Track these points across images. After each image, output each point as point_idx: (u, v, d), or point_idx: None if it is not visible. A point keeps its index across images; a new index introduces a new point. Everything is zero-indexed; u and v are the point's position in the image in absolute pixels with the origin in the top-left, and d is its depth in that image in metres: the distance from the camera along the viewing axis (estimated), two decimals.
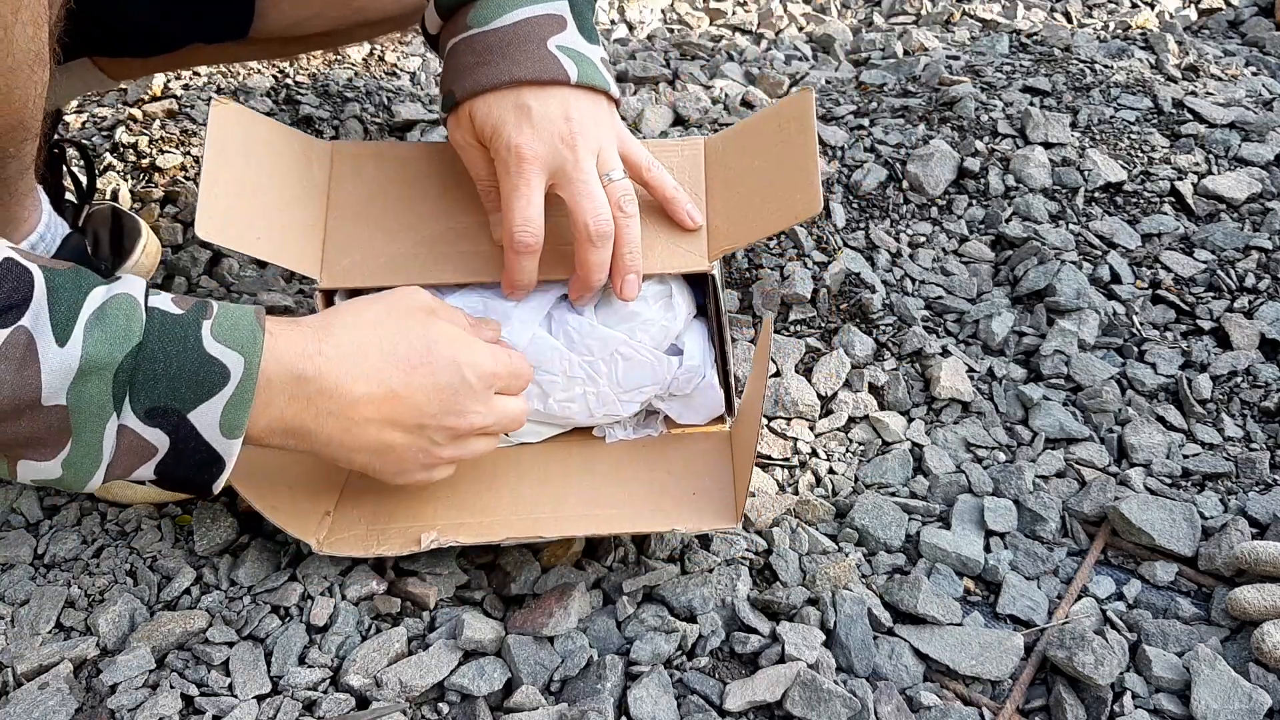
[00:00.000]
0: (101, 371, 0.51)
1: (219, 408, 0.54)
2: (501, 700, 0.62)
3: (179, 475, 0.56)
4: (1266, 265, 0.97)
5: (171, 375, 0.53)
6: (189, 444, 0.54)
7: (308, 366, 0.57)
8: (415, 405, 0.61)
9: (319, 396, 0.58)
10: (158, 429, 0.53)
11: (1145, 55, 1.34)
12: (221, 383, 0.54)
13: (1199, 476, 0.78)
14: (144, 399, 0.52)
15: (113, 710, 0.61)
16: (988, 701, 0.63)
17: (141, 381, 0.52)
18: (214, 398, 0.54)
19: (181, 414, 0.53)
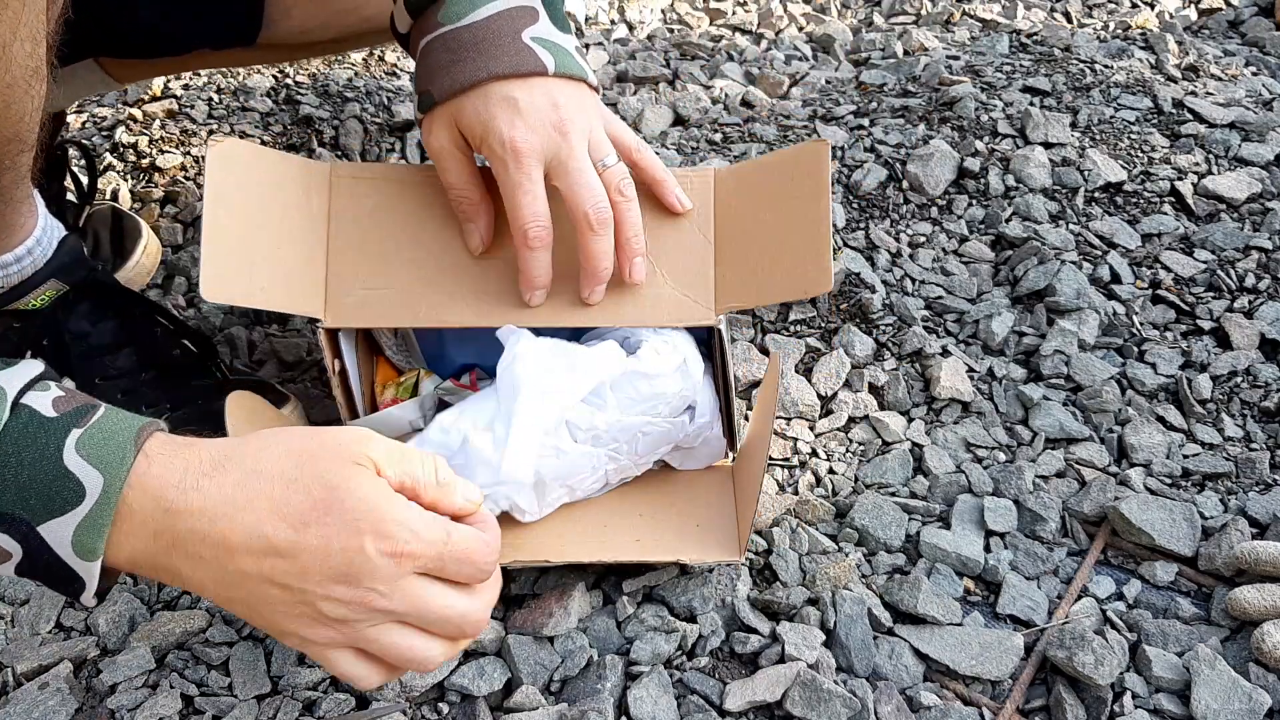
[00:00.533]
0: None
1: (70, 527, 0.48)
2: (501, 700, 0.62)
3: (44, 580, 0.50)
4: (1266, 265, 0.97)
5: (21, 483, 0.47)
6: (42, 557, 0.48)
7: (179, 502, 0.49)
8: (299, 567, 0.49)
9: (189, 538, 0.49)
10: (7, 535, 0.48)
11: (1145, 55, 1.34)
12: (75, 501, 0.48)
13: (1199, 476, 0.78)
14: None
15: (113, 710, 0.61)
16: (988, 701, 0.63)
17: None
18: (65, 515, 0.48)
19: (30, 525, 0.48)
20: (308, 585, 0.49)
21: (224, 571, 0.49)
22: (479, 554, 0.51)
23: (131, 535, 0.49)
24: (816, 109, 1.27)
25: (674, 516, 0.71)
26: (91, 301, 0.81)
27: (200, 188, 1.15)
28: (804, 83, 1.39)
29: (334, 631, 0.51)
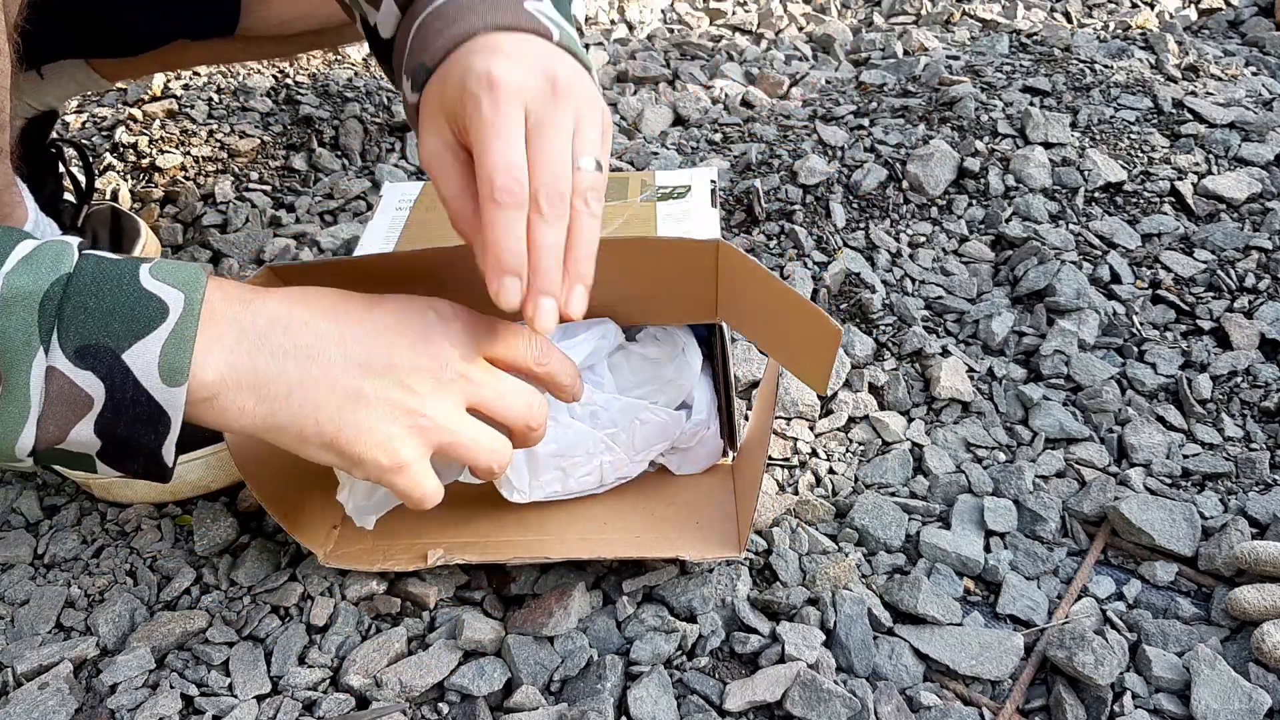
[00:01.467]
0: (25, 300, 0.46)
1: (156, 347, 0.47)
2: (501, 700, 0.62)
3: (121, 434, 0.49)
4: (1266, 265, 0.97)
5: (104, 309, 0.47)
6: (126, 393, 0.47)
7: (255, 297, 0.50)
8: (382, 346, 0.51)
9: (271, 329, 0.50)
10: (90, 372, 0.47)
11: (1145, 55, 1.34)
12: (159, 318, 0.48)
13: (1199, 476, 0.78)
14: (73, 335, 0.47)
15: (113, 710, 0.61)
16: (988, 701, 0.63)
17: (70, 314, 0.47)
18: (150, 335, 0.47)
19: (115, 353, 0.47)
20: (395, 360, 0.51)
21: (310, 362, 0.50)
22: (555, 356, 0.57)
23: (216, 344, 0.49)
24: (816, 109, 1.27)
25: (674, 514, 0.71)
26: None
27: (200, 188, 1.15)
28: (804, 83, 1.39)
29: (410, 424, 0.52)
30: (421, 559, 0.67)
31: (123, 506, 0.77)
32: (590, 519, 0.71)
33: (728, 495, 0.73)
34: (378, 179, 1.18)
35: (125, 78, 1.09)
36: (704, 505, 0.72)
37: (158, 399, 0.48)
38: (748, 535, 0.65)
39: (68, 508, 0.78)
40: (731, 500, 0.72)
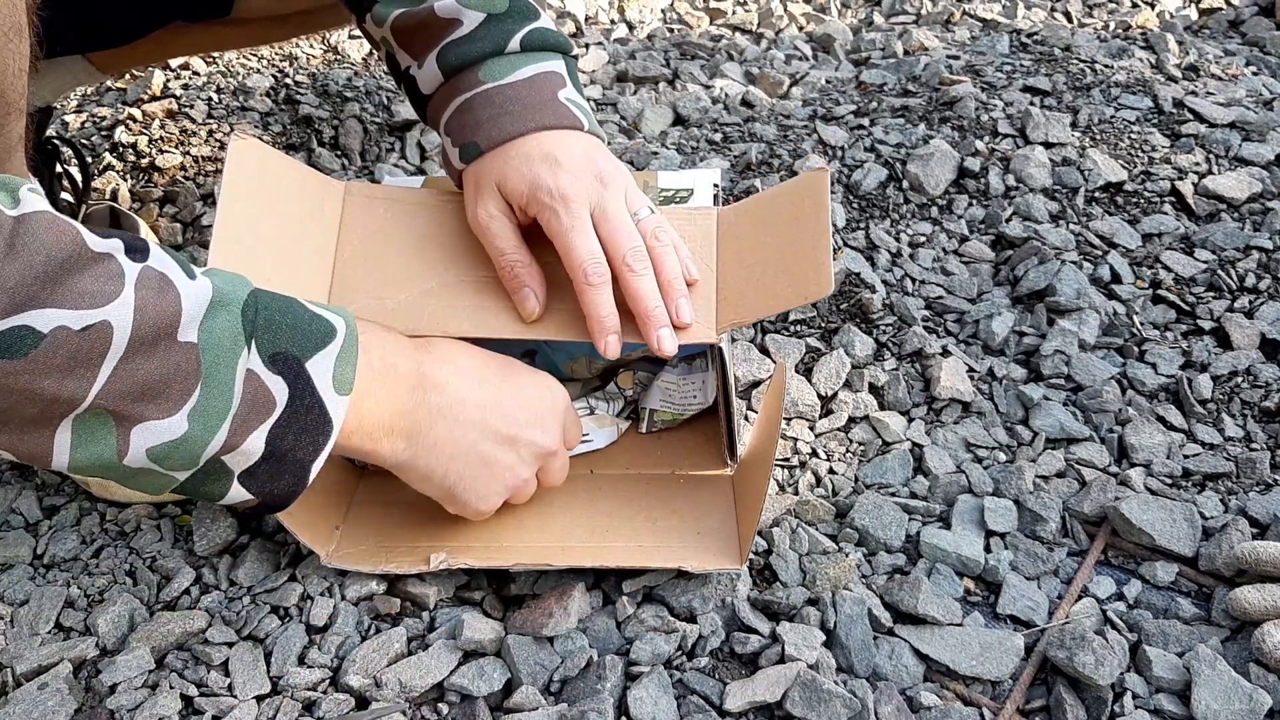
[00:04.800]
0: (230, 305, 0.51)
1: (331, 360, 0.55)
2: (501, 700, 0.62)
3: (288, 443, 0.54)
4: (1267, 265, 0.97)
5: (289, 324, 0.54)
6: (304, 399, 0.54)
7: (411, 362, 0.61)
8: (509, 412, 0.64)
9: (426, 387, 0.61)
10: (279, 377, 0.53)
11: (1145, 55, 1.34)
12: (330, 336, 0.55)
13: (1199, 476, 0.78)
14: (267, 341, 0.53)
15: (112, 710, 0.61)
16: (988, 702, 0.63)
17: (264, 325, 0.53)
18: (327, 348, 0.55)
19: (300, 362, 0.54)
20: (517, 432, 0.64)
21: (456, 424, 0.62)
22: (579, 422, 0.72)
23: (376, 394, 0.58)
24: (816, 109, 1.26)
25: (676, 523, 0.71)
26: None
27: (200, 187, 1.15)
28: (804, 82, 1.39)
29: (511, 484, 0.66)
30: (424, 562, 0.68)
31: (122, 506, 0.77)
32: (592, 527, 0.71)
33: (729, 504, 0.73)
34: (377, 178, 1.18)
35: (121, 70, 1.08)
36: (705, 514, 0.72)
37: (328, 407, 0.55)
38: (749, 547, 0.65)
39: (67, 508, 0.78)
40: (732, 509, 0.72)
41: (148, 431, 0.50)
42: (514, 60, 0.72)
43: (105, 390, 0.47)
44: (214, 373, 0.50)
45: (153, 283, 0.49)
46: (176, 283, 0.50)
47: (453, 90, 0.73)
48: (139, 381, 0.48)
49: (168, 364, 0.49)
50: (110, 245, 0.48)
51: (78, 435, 0.49)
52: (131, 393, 0.48)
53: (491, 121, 0.70)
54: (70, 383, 0.46)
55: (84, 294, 0.46)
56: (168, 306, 0.49)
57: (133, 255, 0.49)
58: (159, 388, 0.49)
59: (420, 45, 0.75)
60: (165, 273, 0.50)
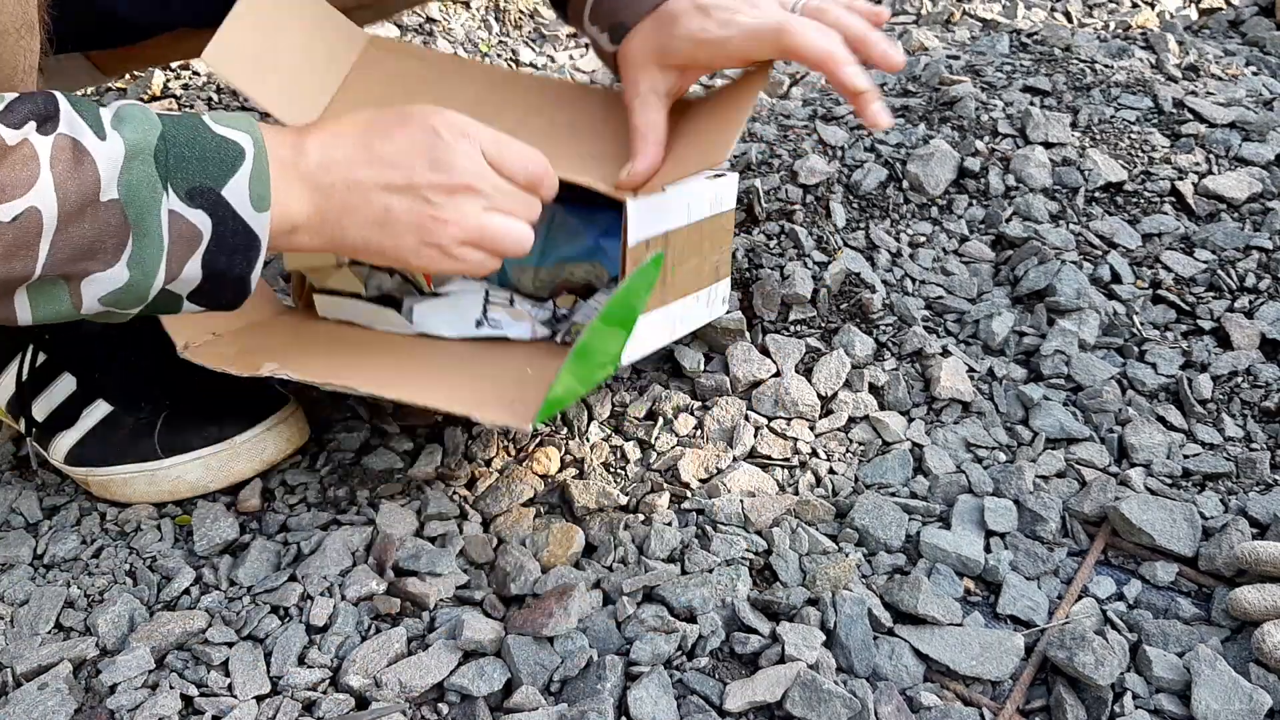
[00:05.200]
0: (143, 154, 0.54)
1: (245, 181, 0.57)
2: (501, 700, 0.62)
3: (222, 265, 0.58)
4: (1267, 265, 0.97)
5: (198, 155, 0.56)
6: (228, 224, 0.57)
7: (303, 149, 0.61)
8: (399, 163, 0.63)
9: (320, 173, 0.62)
10: (200, 210, 0.56)
11: (1145, 55, 1.34)
12: (240, 157, 0.57)
13: (1199, 476, 0.78)
14: (181, 180, 0.56)
15: (112, 710, 0.61)
16: (988, 702, 0.63)
17: (175, 164, 0.56)
18: (238, 172, 0.57)
19: (216, 191, 0.57)
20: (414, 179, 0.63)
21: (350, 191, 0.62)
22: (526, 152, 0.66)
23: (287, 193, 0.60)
24: (816, 109, 1.26)
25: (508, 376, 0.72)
26: None
27: None
28: (804, 82, 1.39)
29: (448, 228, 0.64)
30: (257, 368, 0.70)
31: (122, 506, 0.77)
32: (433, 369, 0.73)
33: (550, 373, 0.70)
34: None
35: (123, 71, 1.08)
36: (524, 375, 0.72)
37: (251, 225, 0.58)
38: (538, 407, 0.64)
39: (68, 508, 0.78)
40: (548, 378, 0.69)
41: (95, 284, 0.55)
42: None
43: (49, 262, 0.53)
44: (141, 221, 0.54)
45: (66, 153, 0.52)
46: (89, 148, 0.53)
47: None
48: (76, 245, 0.53)
49: (97, 224, 0.53)
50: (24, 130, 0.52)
51: (34, 298, 0.54)
52: (72, 256, 0.53)
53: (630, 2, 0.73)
54: (15, 264, 0.52)
55: (5, 186, 0.50)
56: (86, 175, 0.52)
57: (44, 127, 0.52)
58: (95, 246, 0.54)
59: None
60: (77, 138, 0.53)
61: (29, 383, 0.79)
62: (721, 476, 0.78)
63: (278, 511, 0.76)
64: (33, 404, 0.79)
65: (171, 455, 0.75)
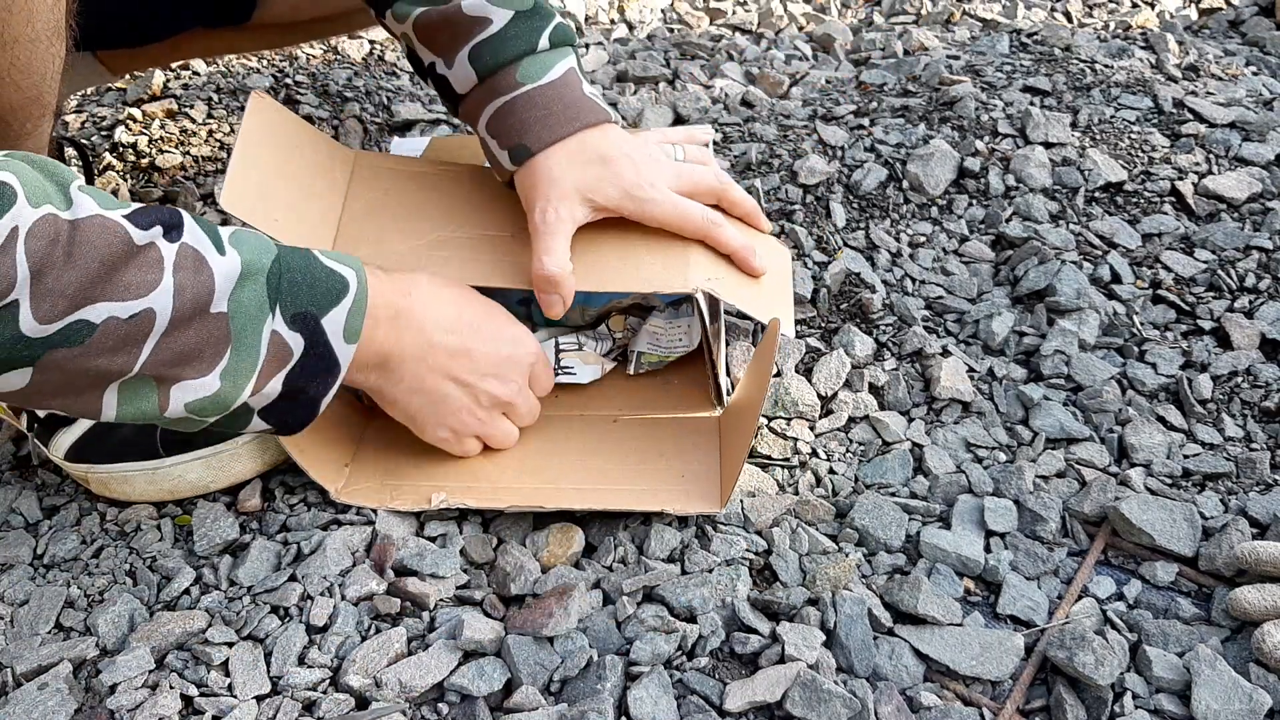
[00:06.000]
0: (256, 276, 0.58)
1: (344, 314, 0.62)
2: (501, 700, 0.62)
3: (301, 384, 0.62)
4: (1267, 265, 0.97)
5: (308, 283, 0.60)
6: (317, 349, 0.61)
7: (402, 302, 0.66)
8: (474, 361, 0.71)
9: (409, 330, 0.67)
10: (298, 333, 0.60)
11: (1145, 55, 1.34)
12: (344, 291, 0.62)
13: (1199, 476, 0.78)
14: (290, 304, 0.59)
15: (112, 710, 0.61)
16: (988, 702, 0.63)
17: (286, 288, 0.59)
18: (340, 304, 0.61)
19: (317, 319, 0.60)
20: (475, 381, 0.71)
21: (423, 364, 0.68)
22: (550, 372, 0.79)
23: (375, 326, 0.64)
24: (816, 109, 1.26)
25: (662, 465, 0.76)
26: None
27: (200, 187, 1.15)
28: (804, 82, 1.39)
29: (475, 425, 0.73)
30: (426, 500, 0.73)
31: (122, 506, 0.77)
32: (586, 470, 0.76)
33: (714, 449, 0.77)
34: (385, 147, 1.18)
35: (131, 71, 1.09)
36: (691, 458, 0.76)
37: (337, 353, 0.62)
38: (730, 492, 0.69)
39: (68, 508, 0.78)
40: (717, 453, 0.76)
41: (185, 389, 0.57)
42: (545, 59, 0.76)
43: (148, 361, 0.55)
44: (242, 337, 0.57)
45: (189, 262, 0.55)
46: (209, 260, 0.56)
47: (490, 92, 0.77)
48: (177, 351, 0.55)
49: (202, 334, 0.56)
50: (151, 233, 0.54)
51: (123, 395, 0.56)
52: (171, 360, 0.56)
53: (539, 124, 0.75)
54: (119, 359, 0.54)
55: (130, 286, 0.53)
56: (202, 285, 0.55)
57: (170, 235, 0.55)
58: (194, 354, 0.56)
59: (446, 43, 0.77)
60: (199, 250, 0.56)
61: None
62: None
63: (278, 511, 0.76)
64: None
65: (172, 454, 0.75)
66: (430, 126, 1.27)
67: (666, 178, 0.78)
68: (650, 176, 0.77)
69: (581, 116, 0.76)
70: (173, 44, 0.96)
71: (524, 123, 0.76)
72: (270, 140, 0.76)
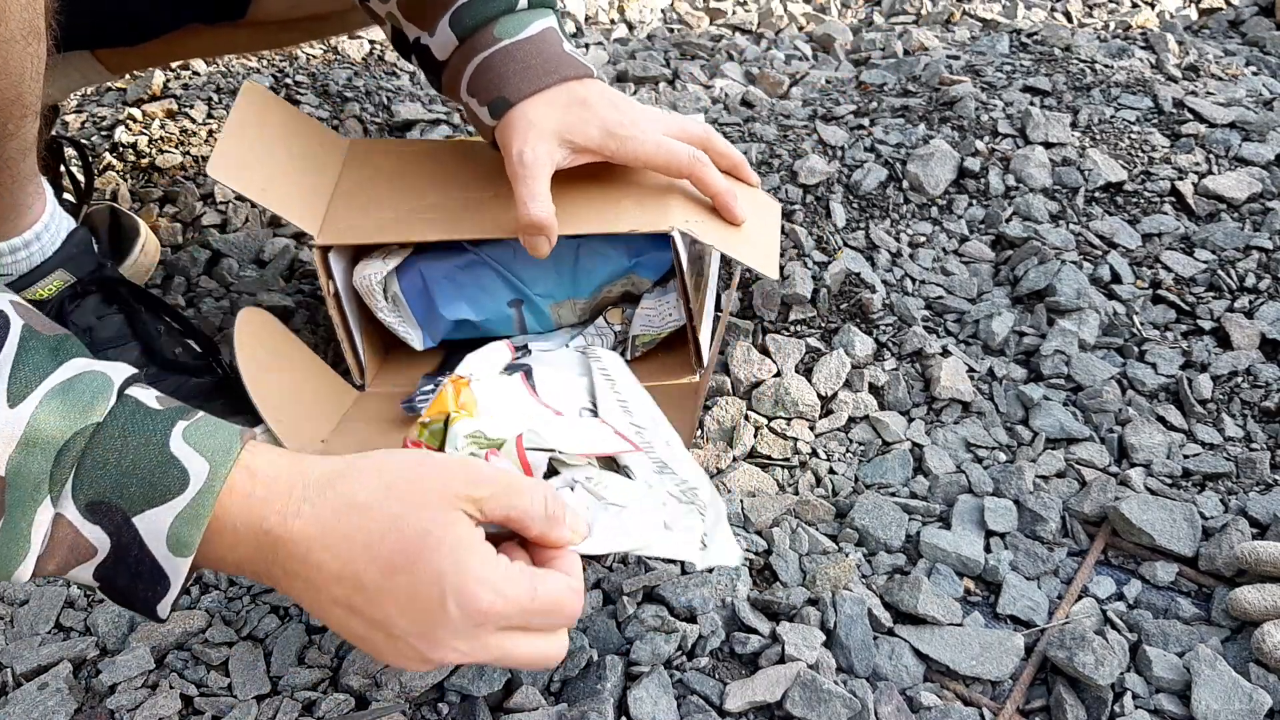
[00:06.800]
0: (45, 446, 0.45)
1: (169, 518, 0.47)
2: (501, 701, 0.62)
3: (120, 585, 0.48)
4: (1267, 265, 0.97)
5: (124, 469, 0.46)
6: (132, 551, 0.47)
7: (278, 526, 0.48)
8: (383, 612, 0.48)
9: (287, 559, 0.49)
10: (98, 527, 0.46)
11: (1145, 55, 1.34)
12: (178, 489, 0.47)
13: (1199, 476, 0.78)
14: (87, 489, 0.46)
15: (112, 710, 0.61)
16: (988, 702, 0.63)
17: (89, 468, 0.46)
18: (165, 504, 0.47)
19: (126, 515, 0.47)
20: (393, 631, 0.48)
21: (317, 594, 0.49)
22: (566, 604, 0.50)
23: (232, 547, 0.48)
24: (816, 109, 1.26)
25: None
26: (98, 295, 0.81)
27: (200, 187, 1.15)
28: (804, 82, 1.39)
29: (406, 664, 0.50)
30: None
31: None
32: None
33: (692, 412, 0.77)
34: None
35: (129, 70, 1.09)
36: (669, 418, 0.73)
37: (162, 565, 0.47)
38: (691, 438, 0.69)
39: None
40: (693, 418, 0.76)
41: None
42: (524, 17, 0.76)
43: None
44: (11, 512, 0.45)
45: None
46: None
47: (469, 51, 0.76)
48: None
49: None
50: None
51: None
52: None
53: (518, 76, 0.74)
54: None
55: None
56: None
57: None
58: None
59: (430, 14, 0.77)
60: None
61: None
62: (722, 476, 0.78)
63: None
64: None
65: None
66: (430, 126, 1.27)
67: (650, 118, 0.77)
68: (633, 116, 0.76)
69: (561, 70, 0.75)
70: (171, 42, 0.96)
71: (502, 76, 0.75)
72: (261, 120, 0.76)
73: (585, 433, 0.63)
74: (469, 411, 0.63)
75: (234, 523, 0.48)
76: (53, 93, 0.96)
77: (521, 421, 0.62)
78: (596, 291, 0.86)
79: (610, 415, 0.68)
